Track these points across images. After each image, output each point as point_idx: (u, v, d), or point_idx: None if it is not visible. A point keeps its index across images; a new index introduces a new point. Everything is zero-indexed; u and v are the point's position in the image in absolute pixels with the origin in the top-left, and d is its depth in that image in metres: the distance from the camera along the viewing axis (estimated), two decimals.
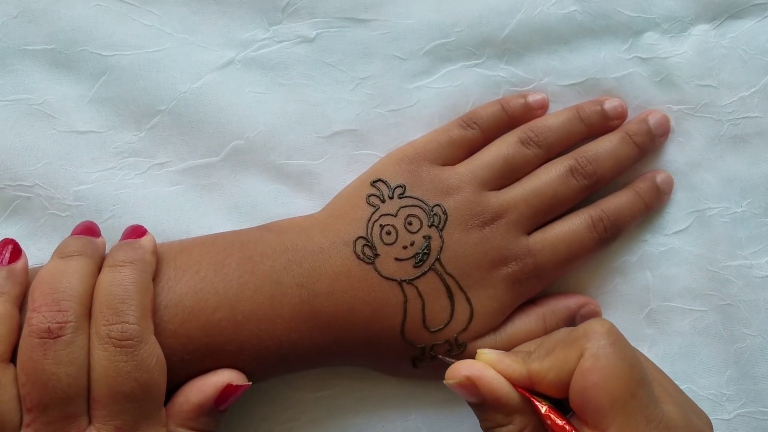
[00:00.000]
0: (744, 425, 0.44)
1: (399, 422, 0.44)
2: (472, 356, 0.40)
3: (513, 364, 0.36)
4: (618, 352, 0.33)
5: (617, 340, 0.34)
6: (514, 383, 0.35)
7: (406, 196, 0.41)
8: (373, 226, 0.40)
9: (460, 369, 0.36)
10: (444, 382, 0.37)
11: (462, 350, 0.40)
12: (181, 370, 0.36)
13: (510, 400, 0.35)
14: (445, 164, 0.42)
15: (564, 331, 0.36)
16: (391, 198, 0.41)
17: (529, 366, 0.35)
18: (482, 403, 0.35)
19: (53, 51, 0.44)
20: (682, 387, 0.38)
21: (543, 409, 0.34)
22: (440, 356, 0.40)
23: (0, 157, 0.43)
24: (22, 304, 0.36)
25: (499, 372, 0.36)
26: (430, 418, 0.44)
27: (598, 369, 0.33)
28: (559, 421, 0.34)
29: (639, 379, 0.33)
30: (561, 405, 0.35)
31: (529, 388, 0.35)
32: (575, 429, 0.33)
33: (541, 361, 0.35)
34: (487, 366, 0.36)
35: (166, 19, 0.44)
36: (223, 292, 0.37)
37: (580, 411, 0.34)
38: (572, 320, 0.43)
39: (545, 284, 0.42)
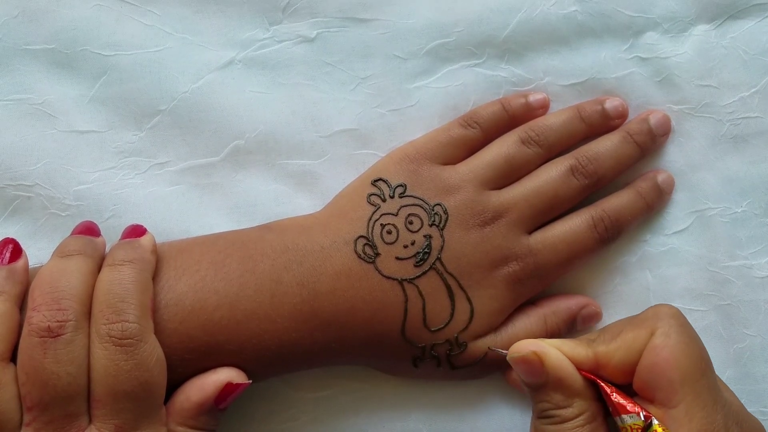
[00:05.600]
0: None
1: (399, 422, 0.44)
2: (474, 357, 0.40)
3: (577, 347, 0.36)
4: (688, 332, 0.35)
5: (686, 322, 0.35)
6: (578, 366, 0.35)
7: (406, 196, 0.41)
8: (373, 226, 0.40)
9: (527, 344, 0.36)
10: (507, 358, 0.37)
11: (462, 350, 0.40)
12: (182, 369, 0.36)
13: (573, 381, 0.35)
14: (445, 163, 0.42)
15: (629, 317, 0.37)
16: (392, 197, 0.41)
17: (595, 349, 0.36)
18: (544, 383, 0.35)
19: (54, 51, 0.44)
20: None
21: (609, 389, 0.35)
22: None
23: (0, 156, 0.43)
24: (22, 303, 0.35)
25: (563, 353, 0.36)
26: (430, 418, 0.44)
27: (669, 346, 0.34)
28: (623, 400, 0.34)
29: (708, 362, 0.34)
30: (623, 392, 0.35)
31: (593, 372, 0.35)
32: (642, 407, 0.33)
33: (607, 343, 0.36)
34: (551, 346, 0.36)
35: (166, 18, 0.44)
36: (223, 291, 0.37)
37: (648, 388, 0.34)
38: (573, 321, 0.43)
39: (546, 284, 0.42)
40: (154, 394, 0.34)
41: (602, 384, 0.35)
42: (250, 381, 0.37)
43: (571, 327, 0.43)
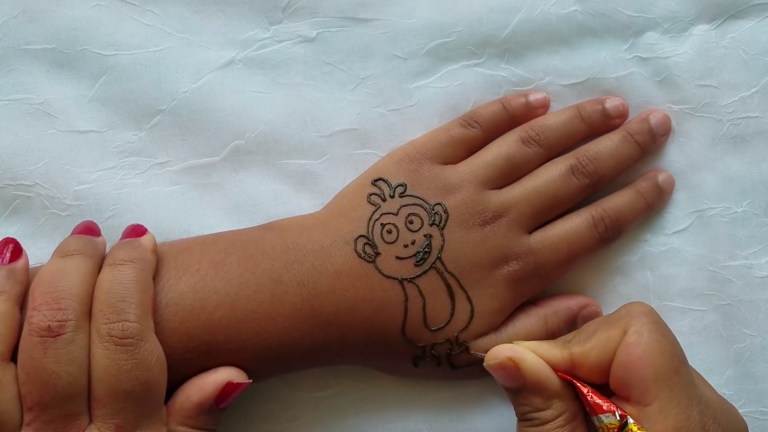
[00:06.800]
0: None
1: (399, 422, 0.44)
2: (475, 357, 0.40)
3: (553, 348, 0.36)
4: (661, 329, 0.35)
5: (659, 320, 0.35)
6: (555, 367, 0.36)
7: (407, 195, 0.41)
8: (374, 225, 0.40)
9: (502, 350, 0.36)
10: (485, 364, 0.37)
11: (463, 349, 0.40)
12: (182, 368, 0.36)
13: (550, 384, 0.35)
14: (445, 163, 0.42)
15: (604, 317, 0.37)
16: (392, 197, 0.41)
17: (570, 350, 0.36)
18: (521, 386, 0.35)
19: (54, 50, 0.44)
20: None
21: (585, 389, 0.35)
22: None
23: (0, 156, 0.43)
24: (22, 303, 0.35)
25: (539, 356, 0.36)
26: (430, 418, 0.44)
27: (642, 344, 0.34)
28: (599, 400, 0.34)
29: (682, 358, 0.34)
30: (601, 391, 0.35)
31: (569, 373, 0.36)
32: (618, 407, 0.34)
33: (582, 344, 0.36)
34: (527, 350, 0.36)
35: (166, 18, 0.44)
36: (223, 291, 0.37)
37: (623, 387, 0.34)
38: (574, 321, 0.43)
39: (546, 284, 0.42)
40: (155, 394, 0.34)
41: (578, 384, 0.35)
42: (251, 381, 0.37)
43: (571, 327, 0.43)
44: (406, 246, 0.40)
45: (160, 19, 0.44)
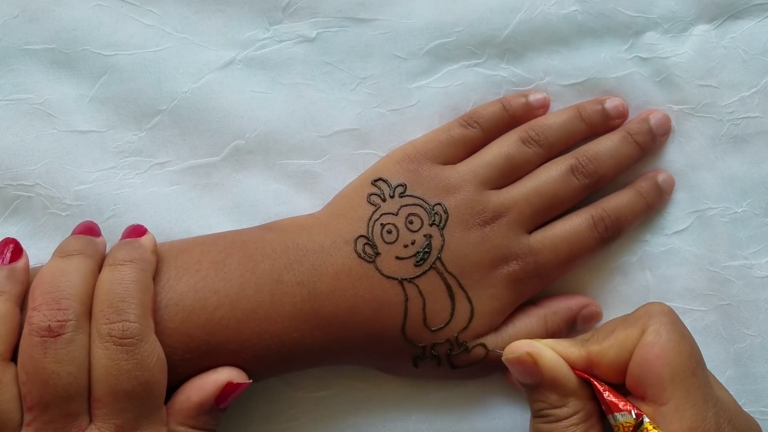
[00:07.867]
0: None
1: (400, 422, 0.44)
2: (475, 357, 0.40)
3: (571, 346, 0.36)
4: (680, 330, 0.35)
5: (678, 320, 0.35)
6: (572, 365, 0.36)
7: (406, 195, 0.41)
8: (374, 225, 0.40)
9: (521, 345, 0.36)
10: (503, 359, 0.37)
11: (463, 350, 0.40)
12: (182, 368, 0.36)
13: (567, 381, 0.35)
14: (445, 163, 0.42)
15: (622, 316, 0.37)
16: (392, 197, 0.41)
17: (588, 348, 0.36)
18: (538, 383, 0.36)
19: (54, 50, 0.44)
20: None
21: (601, 387, 0.35)
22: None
23: (0, 156, 0.43)
24: (23, 303, 0.35)
25: (557, 353, 0.36)
26: (430, 418, 0.44)
27: (660, 343, 0.34)
28: (615, 398, 0.34)
29: (699, 359, 0.34)
30: (617, 391, 0.35)
31: (586, 371, 0.36)
32: (634, 405, 0.34)
33: (600, 342, 0.36)
34: (546, 346, 0.36)
35: (166, 18, 0.44)
36: (223, 291, 0.37)
37: (639, 386, 0.34)
38: (574, 321, 0.43)
39: (546, 284, 0.42)
40: (155, 394, 0.34)
41: (595, 383, 0.35)
42: (251, 381, 0.37)
43: (571, 327, 0.43)
44: (406, 246, 0.40)
45: (160, 19, 0.44)
